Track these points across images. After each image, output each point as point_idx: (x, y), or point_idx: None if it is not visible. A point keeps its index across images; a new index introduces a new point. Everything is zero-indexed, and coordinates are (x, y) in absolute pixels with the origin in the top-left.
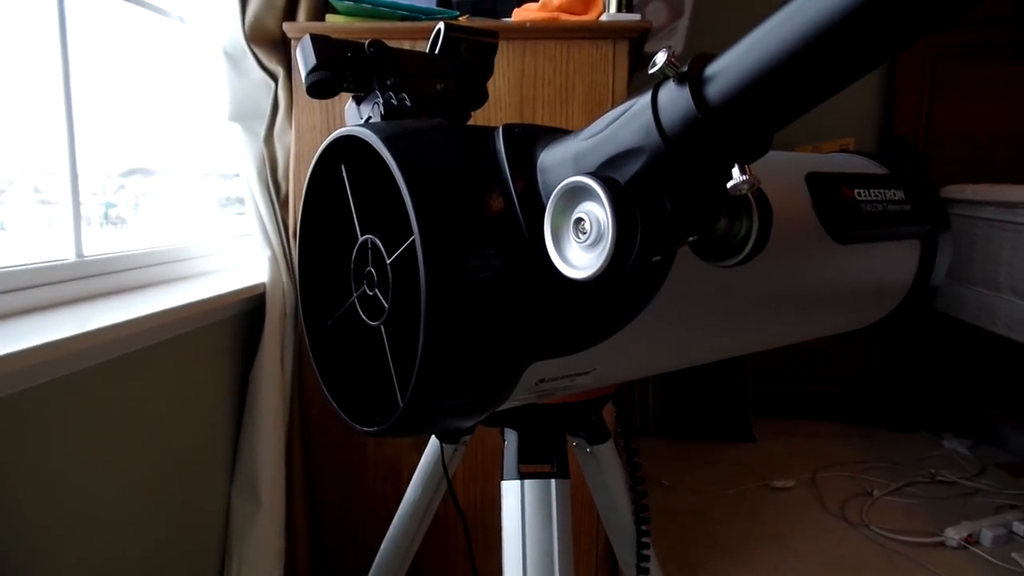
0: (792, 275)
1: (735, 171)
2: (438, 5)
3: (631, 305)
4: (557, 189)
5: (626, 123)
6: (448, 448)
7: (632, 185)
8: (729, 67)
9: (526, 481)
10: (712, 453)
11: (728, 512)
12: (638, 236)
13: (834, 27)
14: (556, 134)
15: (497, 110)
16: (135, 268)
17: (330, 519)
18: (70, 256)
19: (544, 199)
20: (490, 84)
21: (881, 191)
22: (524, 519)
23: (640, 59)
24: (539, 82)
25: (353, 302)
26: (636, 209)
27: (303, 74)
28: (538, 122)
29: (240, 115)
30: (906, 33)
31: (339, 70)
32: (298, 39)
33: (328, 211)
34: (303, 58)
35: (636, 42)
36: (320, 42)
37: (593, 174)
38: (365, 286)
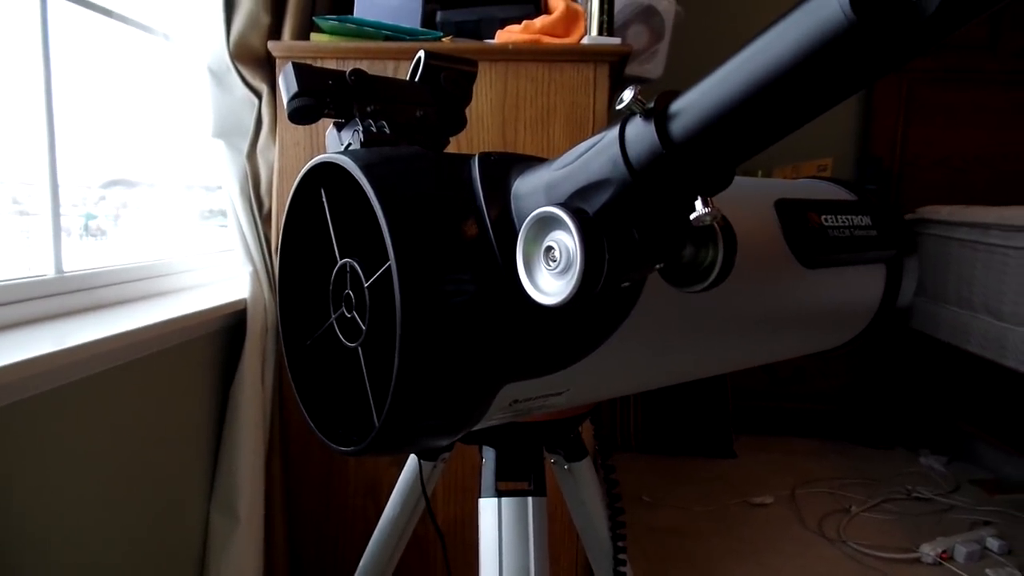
0: (762, 299)
1: (698, 203)
2: (422, 26)
3: (602, 328)
4: (528, 218)
5: (595, 155)
6: (427, 465)
7: (601, 215)
8: (692, 105)
9: (503, 498)
10: (693, 469)
11: (708, 528)
12: (605, 264)
13: (788, 72)
14: (530, 162)
15: (480, 130)
16: (115, 284)
17: (309, 535)
18: (49, 272)
19: (517, 226)
20: (473, 104)
21: (848, 217)
22: (501, 537)
23: (621, 81)
24: (521, 103)
25: (332, 323)
26: (603, 238)
27: (285, 100)
28: (520, 142)
29: (224, 131)
30: (856, 78)
31: (320, 97)
32: (283, 58)
33: (308, 233)
34: (285, 85)
35: (617, 65)
36: (302, 70)
37: (563, 204)
38: (344, 308)
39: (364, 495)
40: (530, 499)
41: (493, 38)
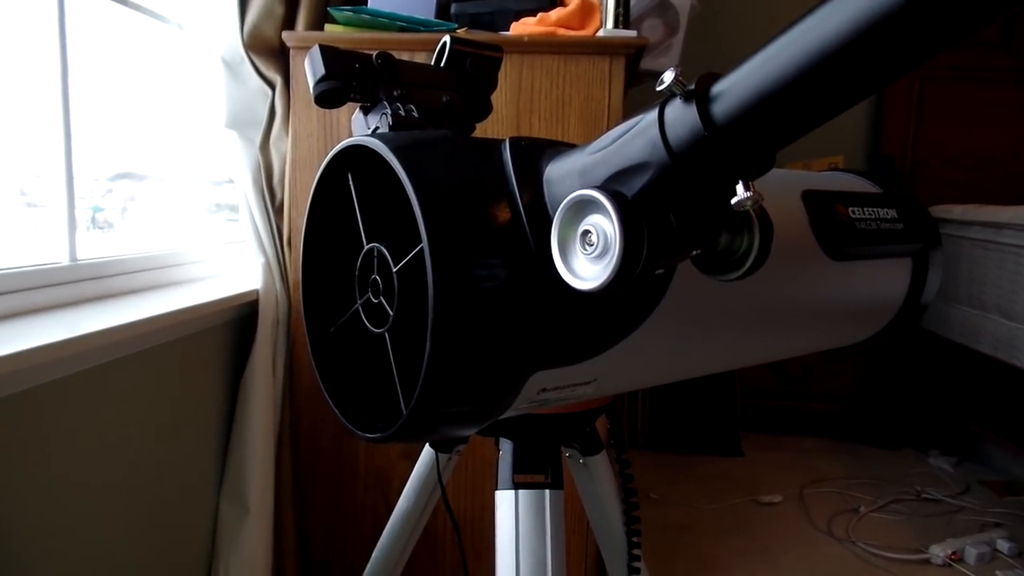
0: (789, 291)
1: (739, 187)
2: (436, 17)
3: (633, 316)
4: (565, 201)
5: (633, 138)
6: (442, 457)
7: (638, 199)
8: (735, 86)
9: (520, 491)
10: (700, 467)
11: (715, 527)
12: (644, 249)
13: (843, 48)
14: (561, 147)
15: (494, 122)
16: (128, 272)
17: (319, 527)
18: (63, 259)
19: (550, 211)
20: None
21: (875, 210)
22: (518, 529)
23: (635, 75)
24: (536, 95)
25: (357, 310)
26: (642, 222)
27: (311, 83)
28: (534, 135)
29: (237, 122)
30: (911, 56)
31: (347, 80)
32: (297, 48)
33: (332, 219)
34: (311, 67)
35: (632, 58)
36: (329, 52)
37: (601, 187)
38: (370, 294)
39: (374, 488)
40: (547, 492)
41: (508, 30)
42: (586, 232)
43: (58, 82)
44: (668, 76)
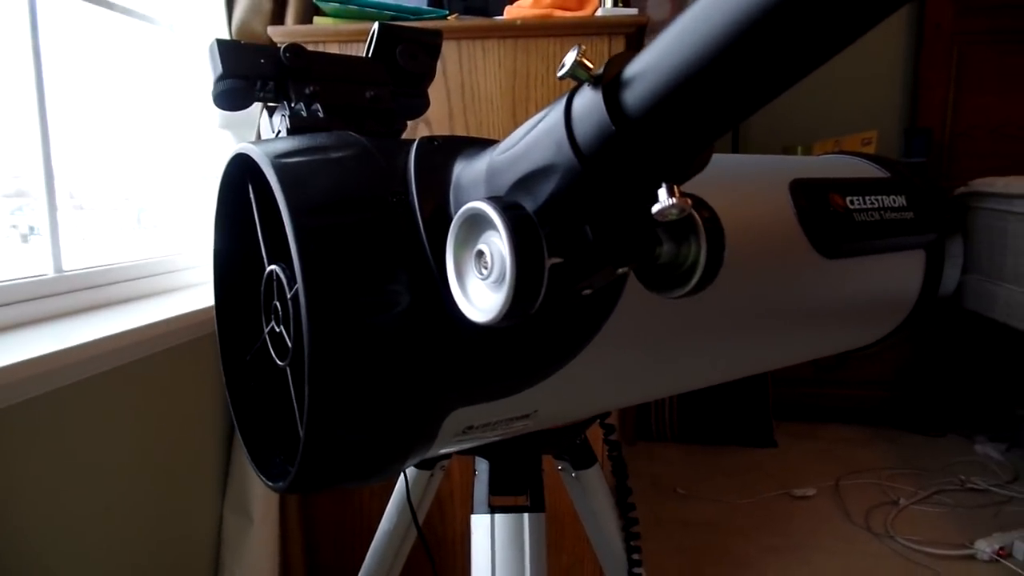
0: (774, 295)
1: (662, 193)
2: (428, 4)
3: (569, 341)
4: (456, 216)
5: (539, 137)
6: (423, 474)
7: (545, 210)
8: (650, 67)
9: (497, 515)
10: (731, 459)
11: (746, 523)
12: (544, 272)
13: (767, 16)
14: (480, 146)
15: (489, 112)
16: (119, 282)
17: (325, 536)
18: (49, 271)
19: None
20: (481, 84)
21: (878, 198)
22: (494, 557)
23: None
24: (532, 82)
25: (264, 339)
26: (542, 240)
27: (212, 83)
28: None
29: (230, 122)
30: (857, 19)
31: (251, 79)
32: (284, 43)
33: (243, 234)
34: (211, 66)
35: (633, 37)
36: (227, 48)
37: (495, 199)
38: (274, 321)
39: (380, 494)
40: (526, 516)
41: (502, 14)
42: (480, 253)
43: (33, 87)
44: (569, 58)
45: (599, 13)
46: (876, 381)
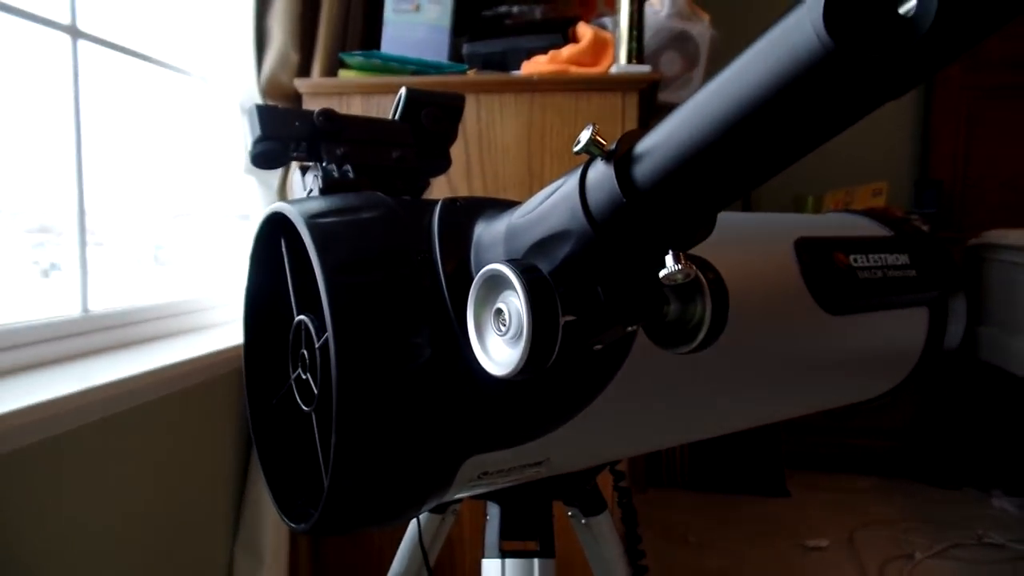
0: (778, 351)
1: (669, 259)
2: (449, 59)
3: (581, 393)
4: (477, 276)
5: (556, 204)
6: (436, 517)
7: (560, 272)
8: (658, 146)
9: (508, 559)
10: (743, 508)
11: (758, 573)
12: (559, 330)
13: (760, 108)
14: (501, 207)
15: (504, 162)
16: (142, 322)
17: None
18: (75, 311)
19: None
20: (498, 136)
21: (881, 256)
22: None
23: (654, 109)
24: (547, 134)
25: (290, 385)
26: (556, 300)
27: (249, 144)
28: (546, 174)
29: (254, 168)
30: (844, 112)
31: (286, 140)
32: (309, 94)
33: (274, 285)
34: (249, 128)
35: (646, 92)
36: (266, 112)
37: (513, 261)
38: (300, 369)
39: (391, 533)
40: (536, 561)
41: (519, 69)
42: (499, 311)
43: (72, 134)
44: (585, 135)
45: (613, 70)
46: (891, 431)
